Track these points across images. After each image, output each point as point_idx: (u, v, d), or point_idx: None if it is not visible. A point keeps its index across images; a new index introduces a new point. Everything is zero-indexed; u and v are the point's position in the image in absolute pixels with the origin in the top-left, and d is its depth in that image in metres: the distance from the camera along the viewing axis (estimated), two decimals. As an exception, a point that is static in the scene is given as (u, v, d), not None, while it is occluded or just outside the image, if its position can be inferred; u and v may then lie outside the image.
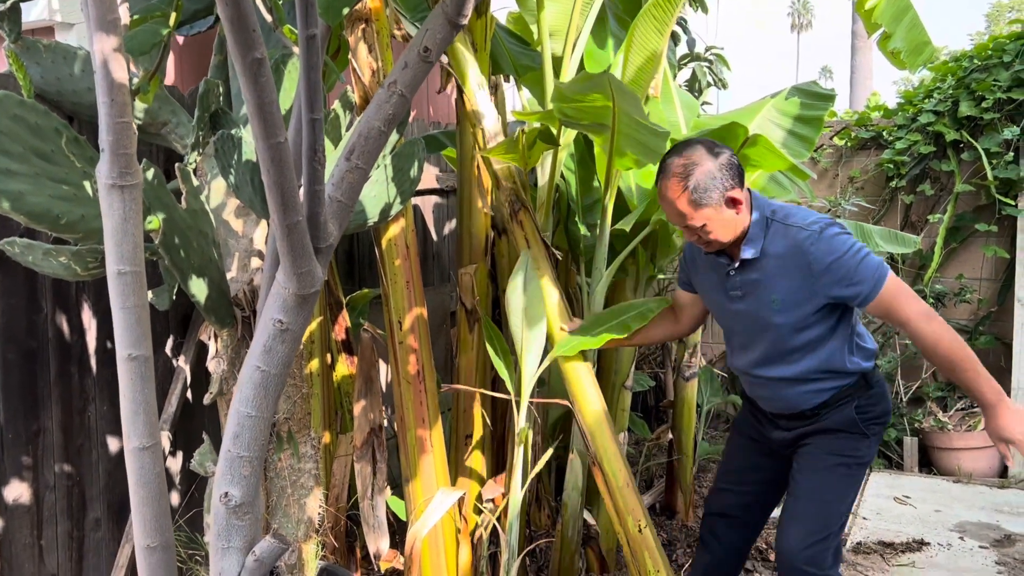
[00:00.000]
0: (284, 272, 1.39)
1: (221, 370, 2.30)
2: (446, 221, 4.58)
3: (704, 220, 2.07)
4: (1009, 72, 4.37)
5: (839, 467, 2.18)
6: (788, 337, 2.14)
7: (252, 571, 1.51)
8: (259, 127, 1.23)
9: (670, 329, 2.56)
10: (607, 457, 2.40)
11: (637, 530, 2.36)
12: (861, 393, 2.18)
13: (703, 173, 2.03)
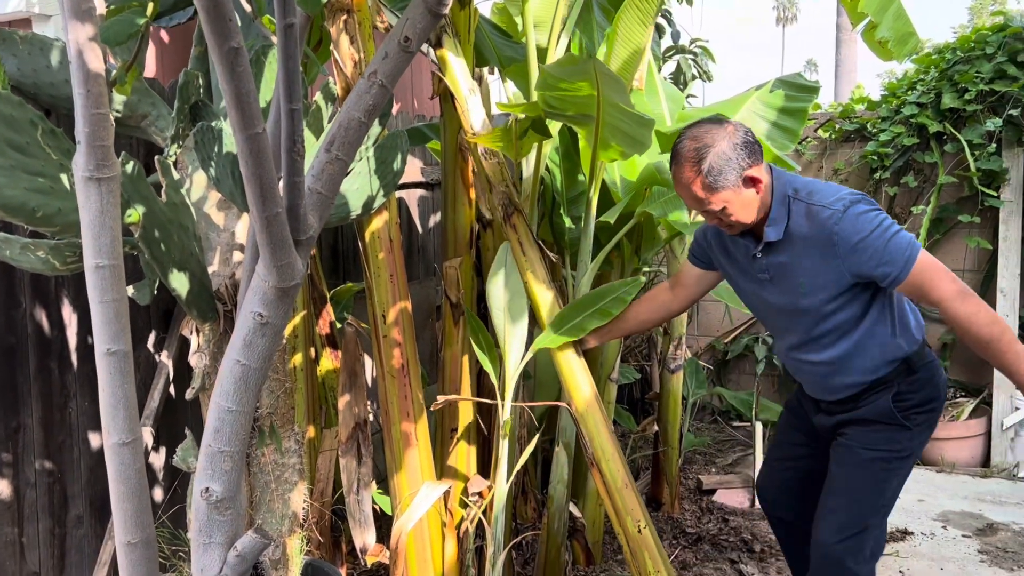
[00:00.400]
0: (264, 265, 1.38)
1: (203, 365, 2.28)
2: (431, 214, 4.56)
3: (723, 203, 1.96)
4: (991, 64, 4.38)
5: (875, 462, 2.10)
6: (819, 321, 2.05)
7: (234, 567, 1.49)
8: (237, 118, 1.22)
9: (664, 306, 2.46)
10: (605, 458, 2.38)
11: (636, 530, 2.35)
12: (902, 379, 2.07)
13: (717, 155, 1.93)
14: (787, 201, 2.01)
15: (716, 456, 4.69)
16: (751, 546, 3.45)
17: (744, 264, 2.17)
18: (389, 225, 2.43)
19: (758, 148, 2.00)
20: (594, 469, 2.42)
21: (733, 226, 2.05)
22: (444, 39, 2.46)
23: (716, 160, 1.93)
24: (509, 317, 2.47)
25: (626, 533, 2.37)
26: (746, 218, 2.01)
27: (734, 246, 2.19)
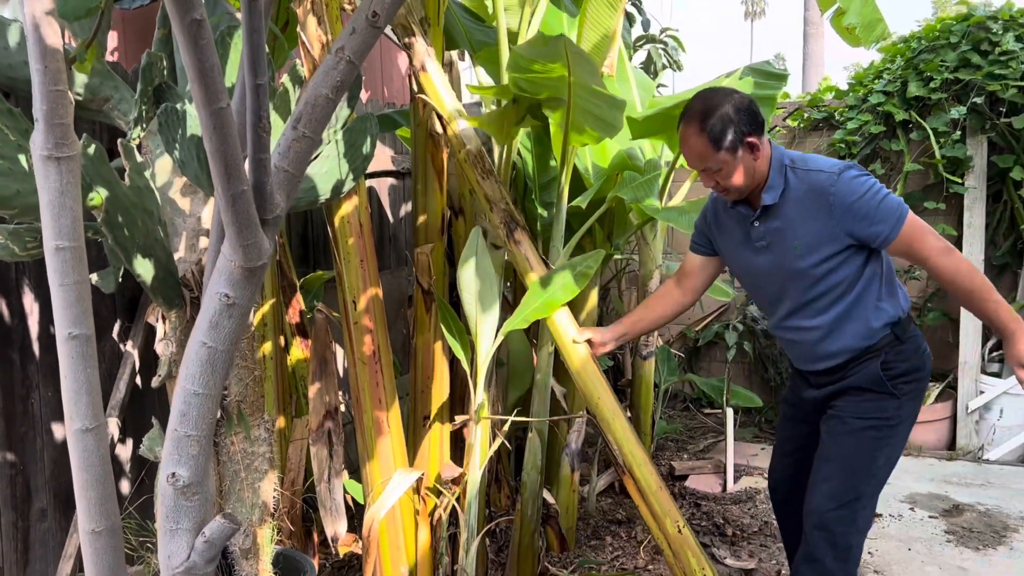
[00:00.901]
0: (230, 244, 1.35)
1: (170, 352, 2.24)
2: (402, 204, 4.53)
3: (722, 163, 2.06)
4: (956, 53, 4.44)
5: (866, 431, 2.16)
6: (814, 283, 2.13)
7: (202, 553, 1.47)
8: (200, 92, 1.19)
9: (677, 301, 2.49)
10: (636, 463, 2.37)
11: (677, 531, 2.34)
12: (889, 348, 2.14)
13: (722, 115, 2.03)
14: (783, 170, 2.12)
15: (688, 443, 4.72)
16: (723, 530, 3.47)
17: (741, 235, 2.25)
18: (359, 210, 2.41)
19: (761, 120, 2.09)
20: (626, 476, 2.39)
21: (729, 190, 2.13)
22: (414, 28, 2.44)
23: (720, 120, 2.03)
24: (480, 304, 2.46)
25: (667, 535, 2.35)
26: (741, 182, 2.10)
27: (731, 219, 2.27)
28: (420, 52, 2.47)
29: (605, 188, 2.84)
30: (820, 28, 20.69)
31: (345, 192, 2.21)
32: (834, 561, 2.15)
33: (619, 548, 3.33)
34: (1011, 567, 3.11)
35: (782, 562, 3.17)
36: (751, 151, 2.06)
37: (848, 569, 2.16)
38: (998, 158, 4.41)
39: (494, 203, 2.49)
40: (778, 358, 4.88)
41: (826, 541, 2.16)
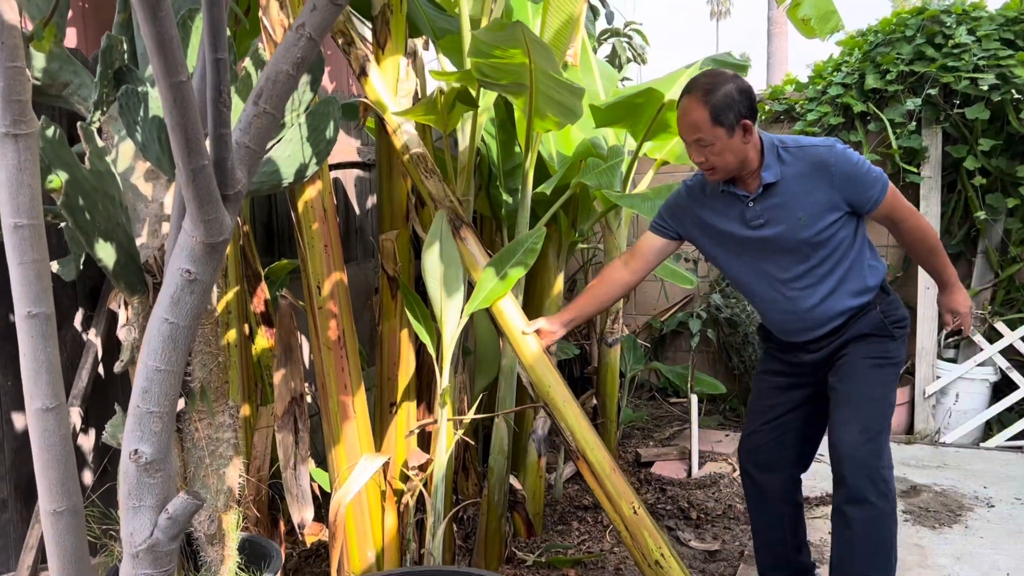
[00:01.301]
0: (191, 219, 1.35)
1: (132, 338, 2.23)
2: (369, 195, 4.52)
3: (715, 139, 2.15)
4: (911, 46, 4.54)
5: (875, 368, 2.30)
6: (818, 248, 2.25)
7: (165, 530, 1.47)
8: (160, 65, 1.19)
9: (624, 282, 2.54)
10: (590, 447, 2.40)
11: (632, 512, 2.38)
12: (881, 299, 2.33)
13: (725, 92, 2.13)
14: (775, 150, 2.25)
15: (654, 431, 4.78)
16: (688, 513, 3.53)
17: (736, 215, 2.32)
18: (323, 195, 2.41)
19: (756, 107, 2.21)
20: (580, 461, 2.42)
21: (715, 168, 2.22)
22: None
23: (724, 96, 2.13)
24: (445, 288, 2.47)
25: (622, 517, 2.38)
26: (728, 162, 2.20)
27: (722, 202, 2.34)
28: (360, 57, 2.49)
29: (569, 175, 2.87)
30: (784, 27, 20.93)
31: (309, 176, 2.22)
32: (878, 498, 2.21)
33: (585, 532, 3.37)
34: (965, 543, 3.19)
35: (745, 543, 3.23)
36: (744, 133, 2.16)
37: (891, 505, 2.23)
38: (952, 148, 4.52)
39: (438, 201, 2.52)
40: (741, 346, 4.95)
41: (867, 478, 2.21)
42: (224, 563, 2.31)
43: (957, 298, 2.43)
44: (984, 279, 4.65)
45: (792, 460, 2.54)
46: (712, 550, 3.20)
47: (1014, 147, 4.48)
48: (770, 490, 2.53)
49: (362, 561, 2.60)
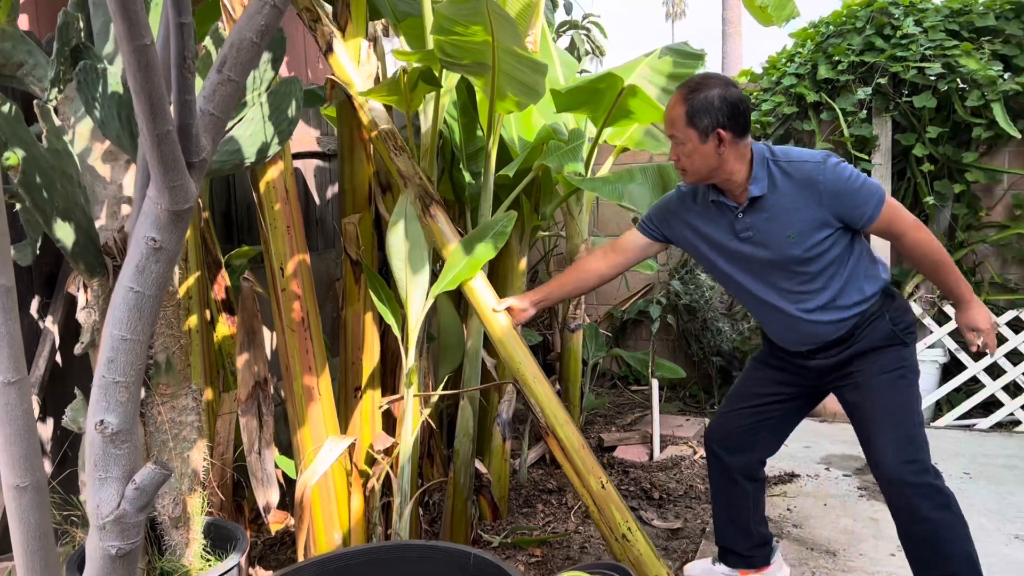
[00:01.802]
0: (155, 186, 1.35)
1: (93, 320, 2.20)
2: (328, 185, 4.50)
3: (687, 139, 2.14)
4: (861, 37, 4.66)
5: (899, 380, 2.24)
6: (808, 266, 2.21)
7: (133, 500, 1.46)
8: (123, 28, 1.19)
9: (599, 273, 2.53)
10: (559, 423, 2.43)
11: (600, 486, 2.40)
12: (888, 305, 2.26)
13: (707, 97, 2.11)
14: (766, 163, 2.20)
15: (616, 418, 4.83)
16: (650, 494, 3.58)
17: (725, 225, 2.29)
18: (285, 175, 2.40)
19: (742, 121, 2.15)
20: (549, 437, 2.44)
21: (686, 171, 2.21)
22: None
23: (703, 100, 2.11)
24: (410, 267, 2.48)
25: (591, 492, 2.41)
26: (696, 168, 2.19)
27: (714, 211, 2.31)
28: (326, 33, 2.49)
29: (531, 158, 2.89)
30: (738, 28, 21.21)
31: (270, 156, 2.21)
32: (936, 511, 2.16)
33: (550, 514, 3.40)
34: (918, 516, 3.29)
35: (706, 521, 3.29)
36: (718, 143, 2.13)
37: (952, 514, 2.17)
38: (901, 136, 4.65)
39: (408, 179, 2.52)
40: (700, 333, 5.03)
41: (919, 496, 2.16)
42: (189, 546, 2.29)
43: (973, 314, 2.25)
44: (933, 264, 4.78)
45: (762, 447, 2.55)
46: (674, 528, 3.26)
47: (960, 135, 4.63)
48: (734, 468, 2.55)
49: (329, 543, 2.59)
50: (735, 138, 2.14)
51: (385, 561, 2.07)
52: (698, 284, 4.91)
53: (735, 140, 2.15)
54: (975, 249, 4.77)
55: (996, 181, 4.71)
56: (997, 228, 4.75)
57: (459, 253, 2.39)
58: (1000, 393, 4.48)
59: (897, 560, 2.90)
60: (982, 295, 4.61)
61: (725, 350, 4.94)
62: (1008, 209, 4.75)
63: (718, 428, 2.59)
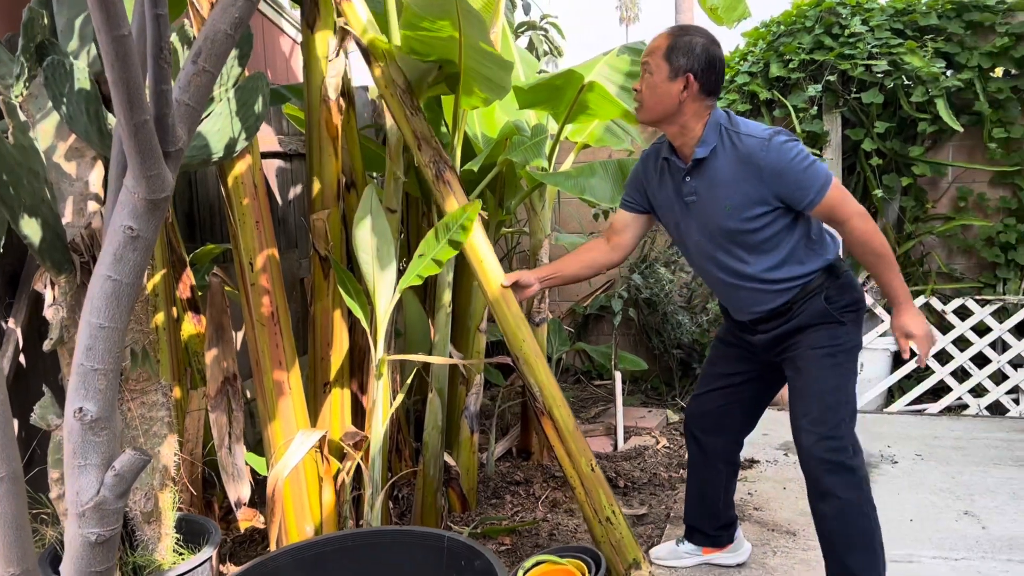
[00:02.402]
0: (132, 175, 1.37)
1: (60, 317, 2.20)
2: (291, 186, 4.51)
3: (656, 70, 2.19)
4: (811, 36, 4.81)
5: (825, 358, 2.23)
6: (743, 237, 2.23)
7: (112, 487, 1.48)
8: (101, 18, 1.21)
9: (604, 253, 2.55)
10: (556, 404, 2.48)
11: (590, 469, 2.46)
12: (829, 283, 2.25)
13: (691, 41, 2.17)
14: (718, 128, 2.22)
15: (580, 411, 4.90)
16: (616, 482, 3.65)
17: (673, 188, 2.35)
18: (253, 170, 2.42)
19: (714, 79, 2.20)
20: (545, 417, 2.49)
21: (642, 104, 2.25)
22: None
23: (687, 42, 2.18)
24: (378, 261, 2.52)
25: (580, 473, 2.46)
26: (651, 101, 2.22)
27: (665, 172, 2.36)
28: None
29: (495, 153, 2.95)
30: (691, 30, 21.50)
31: (238, 151, 2.23)
32: (846, 490, 2.19)
33: (519, 505, 3.45)
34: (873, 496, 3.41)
35: (671, 507, 3.38)
36: (684, 87, 2.17)
37: (863, 491, 2.21)
38: (851, 131, 4.81)
39: (424, 140, 2.47)
40: (661, 326, 5.13)
41: (829, 472, 2.20)
42: (161, 541, 2.30)
43: (907, 319, 2.19)
44: (883, 255, 4.95)
45: (737, 427, 2.61)
46: (639, 514, 3.33)
47: (906, 130, 4.80)
48: (711, 451, 2.61)
49: (300, 536, 2.61)
50: (700, 91, 2.18)
51: (359, 547, 2.11)
52: (658, 278, 5.00)
53: (700, 94, 2.19)
54: (922, 240, 4.94)
55: (941, 174, 4.89)
56: (943, 220, 4.93)
57: (431, 239, 2.43)
58: (948, 379, 4.65)
59: (854, 538, 3.00)
60: (929, 284, 4.78)
61: (685, 342, 5.05)
62: (953, 201, 4.93)
63: (694, 410, 2.66)
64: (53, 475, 2.29)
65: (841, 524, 2.23)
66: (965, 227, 4.89)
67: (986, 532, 3.00)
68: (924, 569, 2.75)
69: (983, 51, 4.59)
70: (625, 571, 2.51)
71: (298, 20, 5.01)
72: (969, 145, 4.86)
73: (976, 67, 4.60)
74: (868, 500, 2.23)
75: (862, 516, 2.22)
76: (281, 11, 5.81)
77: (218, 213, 3.86)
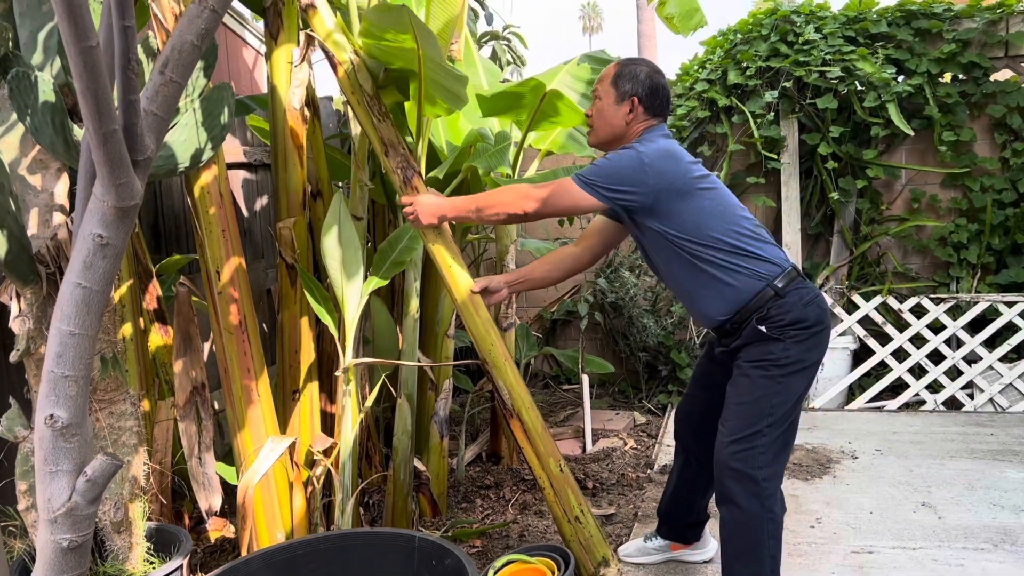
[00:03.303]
0: (102, 184, 1.40)
1: (27, 328, 2.20)
2: (256, 197, 4.51)
3: (604, 95, 2.35)
4: (767, 44, 4.93)
5: (754, 370, 2.26)
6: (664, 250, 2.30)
7: (84, 493, 1.49)
8: (70, 30, 1.24)
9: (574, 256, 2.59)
10: (525, 407, 2.51)
11: (559, 469, 2.50)
12: (771, 303, 2.24)
13: (636, 70, 2.33)
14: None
15: (548, 415, 4.95)
16: (584, 484, 3.70)
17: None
18: (219, 180, 2.44)
19: (658, 103, 2.35)
20: (514, 419, 2.52)
21: (591, 128, 2.41)
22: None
23: (632, 70, 2.34)
24: (345, 269, 2.55)
25: (550, 474, 2.49)
26: (599, 125, 2.39)
27: None
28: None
29: (459, 160, 2.99)
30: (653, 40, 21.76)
31: (204, 161, 2.25)
32: (747, 500, 2.23)
33: (489, 508, 3.49)
34: (834, 490, 3.50)
35: (638, 506, 3.44)
36: (628, 110, 2.32)
37: (763, 504, 2.23)
38: (807, 136, 4.93)
39: (391, 147, 2.49)
40: (626, 330, 5.20)
41: (733, 479, 2.25)
42: (132, 550, 2.30)
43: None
44: (841, 256, 5.08)
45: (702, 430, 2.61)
46: (608, 514, 3.38)
47: (860, 134, 4.94)
48: (695, 453, 2.65)
49: (271, 543, 2.62)
50: (645, 113, 2.33)
51: (330, 550, 2.13)
52: (623, 282, 5.08)
53: (645, 115, 2.33)
54: (879, 241, 5.08)
55: (895, 177, 5.04)
56: (897, 221, 5.07)
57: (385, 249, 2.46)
58: (906, 375, 4.78)
59: (816, 531, 3.08)
60: (886, 283, 4.91)
61: (651, 345, 5.12)
62: (907, 203, 5.07)
63: (680, 410, 2.73)
64: (21, 487, 2.28)
65: (735, 532, 2.28)
66: (919, 228, 5.04)
67: (942, 522, 3.10)
68: (883, 559, 2.83)
69: (931, 57, 4.75)
70: (595, 569, 2.56)
71: (261, 32, 5.03)
72: (921, 148, 5.01)
73: (925, 73, 4.75)
74: (768, 514, 2.25)
75: (757, 529, 2.25)
76: (244, 23, 5.81)
77: (184, 224, 3.85)
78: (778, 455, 2.29)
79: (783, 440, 2.29)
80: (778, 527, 2.29)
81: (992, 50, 4.77)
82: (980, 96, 4.78)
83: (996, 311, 4.73)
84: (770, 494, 2.25)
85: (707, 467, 2.69)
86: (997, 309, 4.72)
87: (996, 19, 4.70)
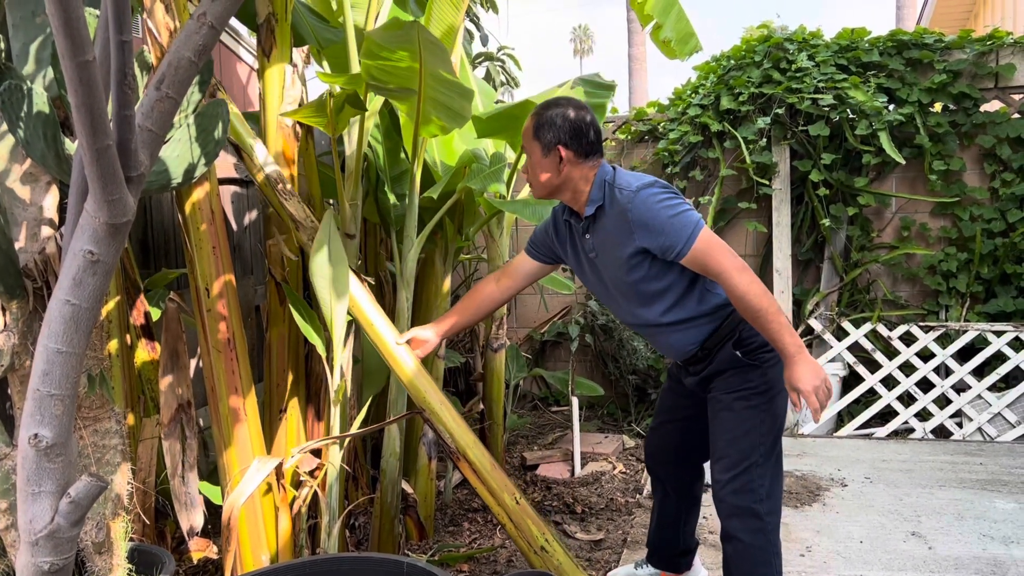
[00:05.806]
0: (94, 200, 1.37)
1: (12, 344, 2.16)
2: (246, 212, 4.49)
3: (531, 152, 2.23)
4: (760, 70, 4.97)
5: (737, 402, 2.24)
6: (639, 288, 2.24)
7: (67, 515, 1.46)
8: (66, 44, 1.22)
9: (494, 299, 2.57)
10: (468, 446, 2.49)
11: (515, 502, 2.46)
12: (742, 328, 2.22)
13: (553, 115, 2.18)
14: (604, 186, 2.22)
15: (537, 437, 4.92)
16: (573, 508, 3.67)
17: (575, 246, 2.38)
18: (211, 196, 2.42)
19: (585, 143, 2.19)
20: (461, 461, 2.50)
21: (532, 184, 2.29)
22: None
23: (550, 116, 2.19)
24: (334, 289, 2.52)
25: (506, 509, 2.46)
26: (536, 180, 2.26)
27: (568, 230, 2.39)
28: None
29: (454, 181, 2.98)
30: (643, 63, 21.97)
31: (197, 177, 2.23)
32: (750, 535, 2.21)
33: (476, 532, 3.45)
34: (824, 518, 3.48)
35: (627, 531, 3.40)
36: (559, 160, 2.18)
37: (766, 540, 2.22)
38: (799, 163, 4.96)
39: (300, 223, 2.56)
40: (616, 352, 5.19)
41: (734, 517, 2.23)
42: (113, 571, 2.25)
43: (794, 372, 2.05)
44: (831, 283, 5.09)
45: (695, 457, 2.62)
46: (597, 539, 3.35)
47: (851, 161, 4.97)
48: (670, 484, 2.64)
49: (256, 565, 2.58)
50: (576, 157, 2.19)
51: (316, 575, 2.09)
52: (614, 305, 5.07)
53: (576, 159, 2.20)
54: (868, 268, 5.10)
55: (886, 204, 5.07)
56: (888, 248, 5.10)
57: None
58: (895, 403, 4.78)
59: (806, 560, 3.06)
60: (876, 311, 4.92)
61: (640, 368, 5.11)
62: (897, 230, 5.10)
63: (649, 443, 2.71)
64: (1, 505, 2.23)
65: (740, 567, 2.27)
66: (909, 256, 5.06)
67: (932, 552, 3.09)
68: (874, 589, 2.81)
69: (923, 87, 4.80)
70: (577, 596, 2.52)
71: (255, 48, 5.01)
72: (911, 177, 5.05)
73: (916, 102, 4.79)
74: (772, 548, 2.25)
75: (763, 563, 2.25)
76: (238, 38, 5.81)
77: (173, 239, 3.82)
78: (774, 483, 2.29)
79: (776, 466, 2.29)
80: (781, 561, 2.28)
81: (982, 81, 4.82)
82: (970, 126, 4.83)
83: (985, 340, 4.74)
84: (773, 528, 2.25)
85: (686, 496, 2.70)
86: (986, 338, 4.74)
87: (986, 50, 4.76)
